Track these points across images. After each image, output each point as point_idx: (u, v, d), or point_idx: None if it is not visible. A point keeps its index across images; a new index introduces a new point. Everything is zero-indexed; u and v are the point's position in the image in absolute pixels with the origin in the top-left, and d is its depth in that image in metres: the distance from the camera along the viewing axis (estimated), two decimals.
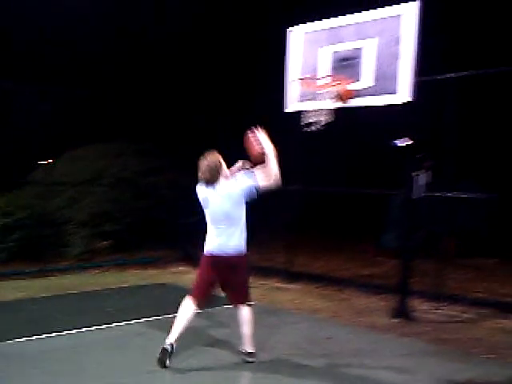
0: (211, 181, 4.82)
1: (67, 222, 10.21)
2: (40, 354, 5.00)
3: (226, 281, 4.93)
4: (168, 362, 4.71)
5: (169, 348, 4.73)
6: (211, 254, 4.93)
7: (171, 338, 4.79)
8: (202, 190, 4.95)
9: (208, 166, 4.80)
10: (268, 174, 4.84)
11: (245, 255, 4.95)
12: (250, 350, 5.01)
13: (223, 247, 4.86)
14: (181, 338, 4.81)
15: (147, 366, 4.74)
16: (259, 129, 5.06)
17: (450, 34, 13.26)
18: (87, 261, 9.89)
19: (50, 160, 9.47)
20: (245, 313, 5.01)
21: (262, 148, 4.92)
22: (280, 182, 4.91)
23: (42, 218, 9.37)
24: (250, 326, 5.01)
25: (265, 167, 4.86)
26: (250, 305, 5.04)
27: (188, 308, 4.90)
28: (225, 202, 4.80)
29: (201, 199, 4.96)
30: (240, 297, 5.02)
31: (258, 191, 4.85)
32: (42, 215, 9.39)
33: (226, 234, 4.84)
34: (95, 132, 11.09)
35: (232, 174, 4.92)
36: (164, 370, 4.68)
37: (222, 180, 4.83)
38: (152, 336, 5.67)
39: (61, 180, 10.27)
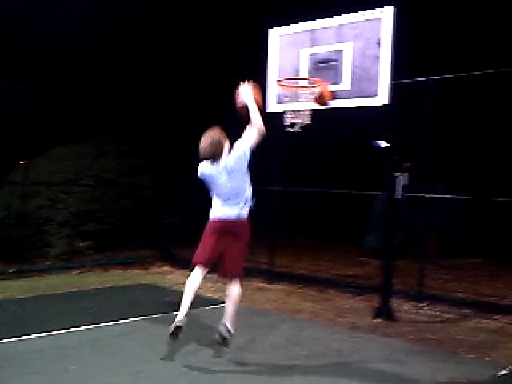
0: (213, 157, 4.82)
1: (48, 221, 10.10)
2: (27, 354, 4.91)
3: (226, 248, 4.96)
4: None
5: (181, 324, 4.77)
6: (215, 219, 4.98)
7: (182, 312, 4.82)
8: (205, 168, 4.94)
9: (209, 142, 4.81)
10: (253, 129, 4.86)
11: (248, 222, 5.01)
12: (230, 327, 5.00)
13: (228, 216, 4.92)
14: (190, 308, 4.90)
15: (136, 366, 4.71)
16: (246, 82, 5.09)
17: (429, 37, 13.40)
18: (68, 261, 9.79)
19: (30, 159, 9.34)
20: (234, 291, 5.04)
21: (243, 101, 4.95)
22: (264, 133, 4.91)
23: (22, 218, 9.27)
24: (235, 305, 5.04)
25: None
26: (240, 283, 5.09)
27: (195, 275, 4.95)
28: (229, 177, 4.83)
29: (204, 176, 4.97)
30: (234, 269, 5.04)
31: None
32: (22, 215, 9.28)
33: (230, 204, 4.92)
34: (76, 131, 10.97)
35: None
36: (152, 369, 4.67)
37: (224, 156, 4.84)
38: (138, 336, 5.64)
39: (41, 180, 10.15)
